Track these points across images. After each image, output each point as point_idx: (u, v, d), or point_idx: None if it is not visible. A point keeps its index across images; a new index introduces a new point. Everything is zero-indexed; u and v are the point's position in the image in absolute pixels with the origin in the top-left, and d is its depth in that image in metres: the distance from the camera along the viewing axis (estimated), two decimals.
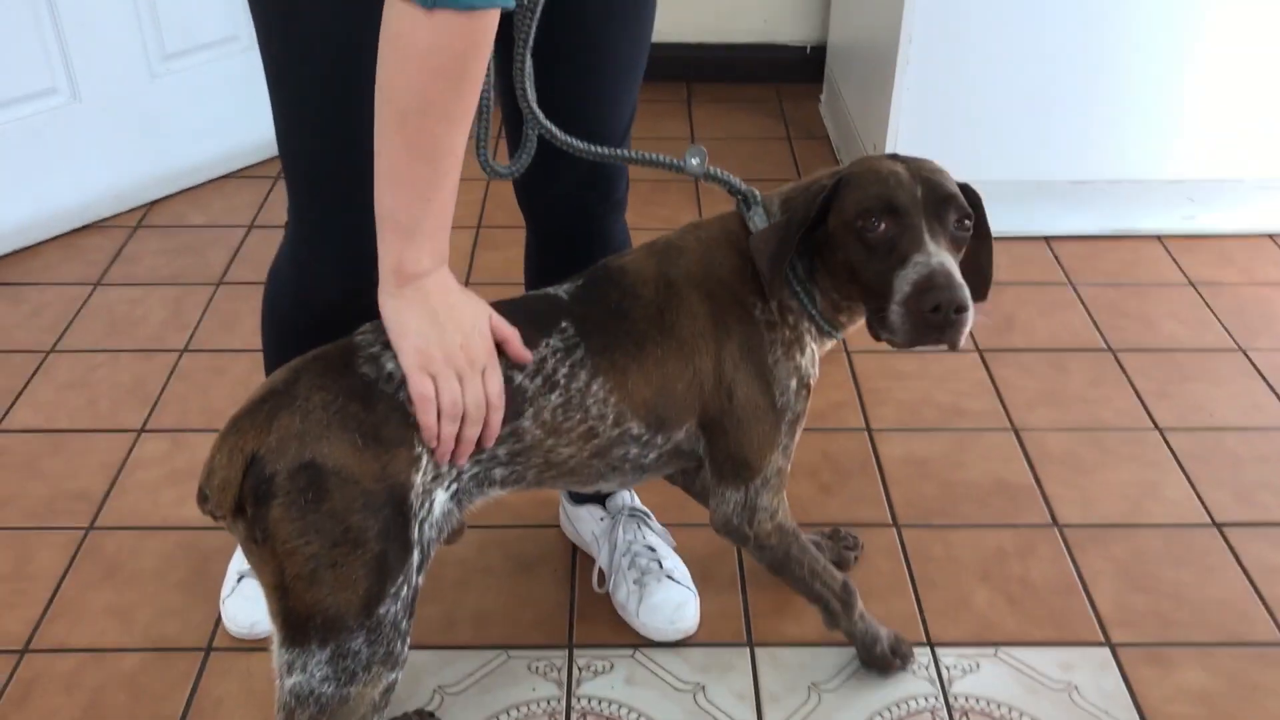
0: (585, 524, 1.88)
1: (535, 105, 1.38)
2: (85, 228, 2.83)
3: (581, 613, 1.82)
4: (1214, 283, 2.67)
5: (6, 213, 2.68)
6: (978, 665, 1.74)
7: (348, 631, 1.23)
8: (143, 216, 2.89)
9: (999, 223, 2.78)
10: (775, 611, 1.82)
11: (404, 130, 1.18)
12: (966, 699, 1.69)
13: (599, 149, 1.41)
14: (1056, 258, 2.76)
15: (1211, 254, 2.78)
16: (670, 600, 1.78)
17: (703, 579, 1.86)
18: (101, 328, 2.48)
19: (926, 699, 1.69)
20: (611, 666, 1.74)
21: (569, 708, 1.67)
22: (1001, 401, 2.30)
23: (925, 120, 2.70)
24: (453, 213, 1.27)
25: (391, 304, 1.26)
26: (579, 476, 1.44)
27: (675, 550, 1.86)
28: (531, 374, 1.34)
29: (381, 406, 1.24)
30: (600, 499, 1.86)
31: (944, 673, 1.73)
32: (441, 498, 1.31)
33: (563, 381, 1.35)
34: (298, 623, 1.22)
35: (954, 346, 1.31)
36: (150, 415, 2.21)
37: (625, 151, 1.44)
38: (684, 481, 1.75)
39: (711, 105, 3.53)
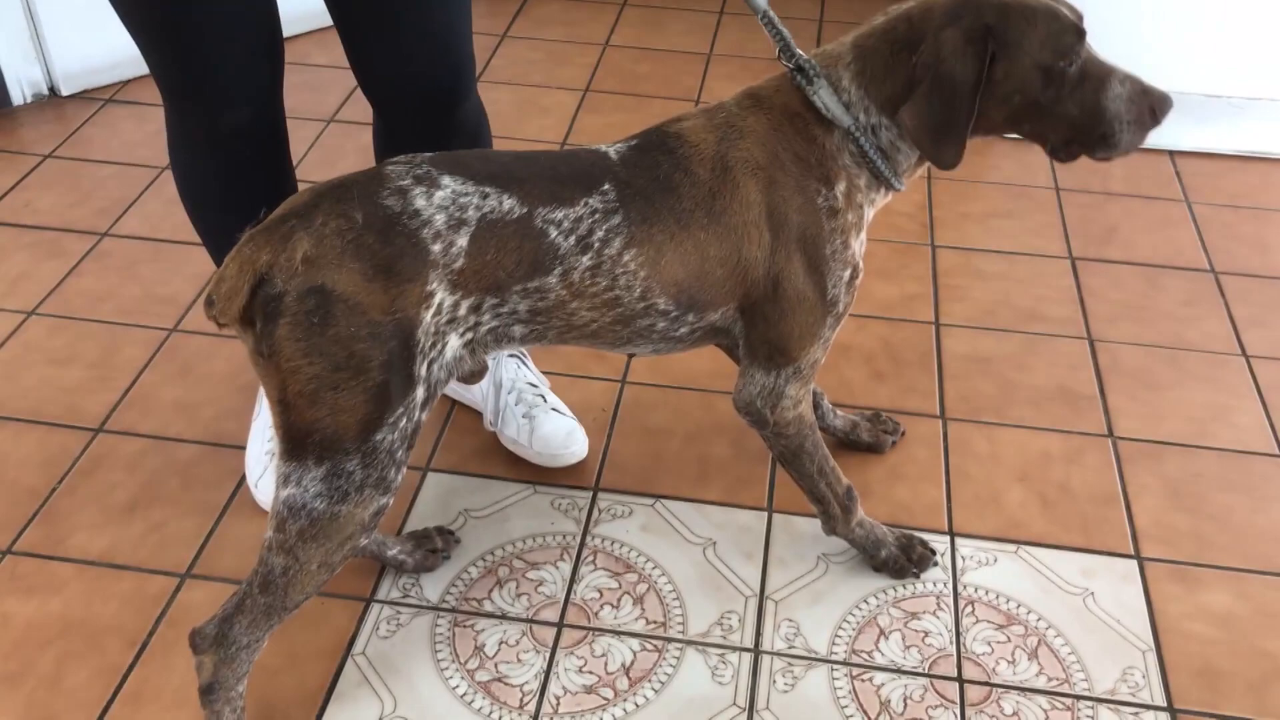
0: None
1: None
2: None
3: (611, 461, 1.87)
4: None
5: None
6: (995, 559, 1.73)
7: (343, 453, 1.25)
8: None
9: None
10: None
11: None
12: (976, 589, 1.68)
13: None
14: (1178, 173, 2.62)
15: None
16: (560, 429, 1.83)
17: (734, 445, 1.89)
18: None
19: (934, 584, 1.69)
20: (630, 512, 1.79)
21: (582, 544, 1.73)
22: (1083, 310, 2.22)
23: None
24: None
25: None
26: (603, 340, 1.43)
27: (549, 389, 1.91)
28: (567, 231, 1.31)
29: (399, 241, 1.23)
30: None
31: (958, 562, 1.72)
32: (454, 342, 1.31)
33: (596, 245, 1.32)
34: (297, 438, 1.24)
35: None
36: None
37: None
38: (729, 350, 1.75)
39: None
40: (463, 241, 1.25)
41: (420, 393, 1.29)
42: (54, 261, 2.27)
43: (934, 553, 1.71)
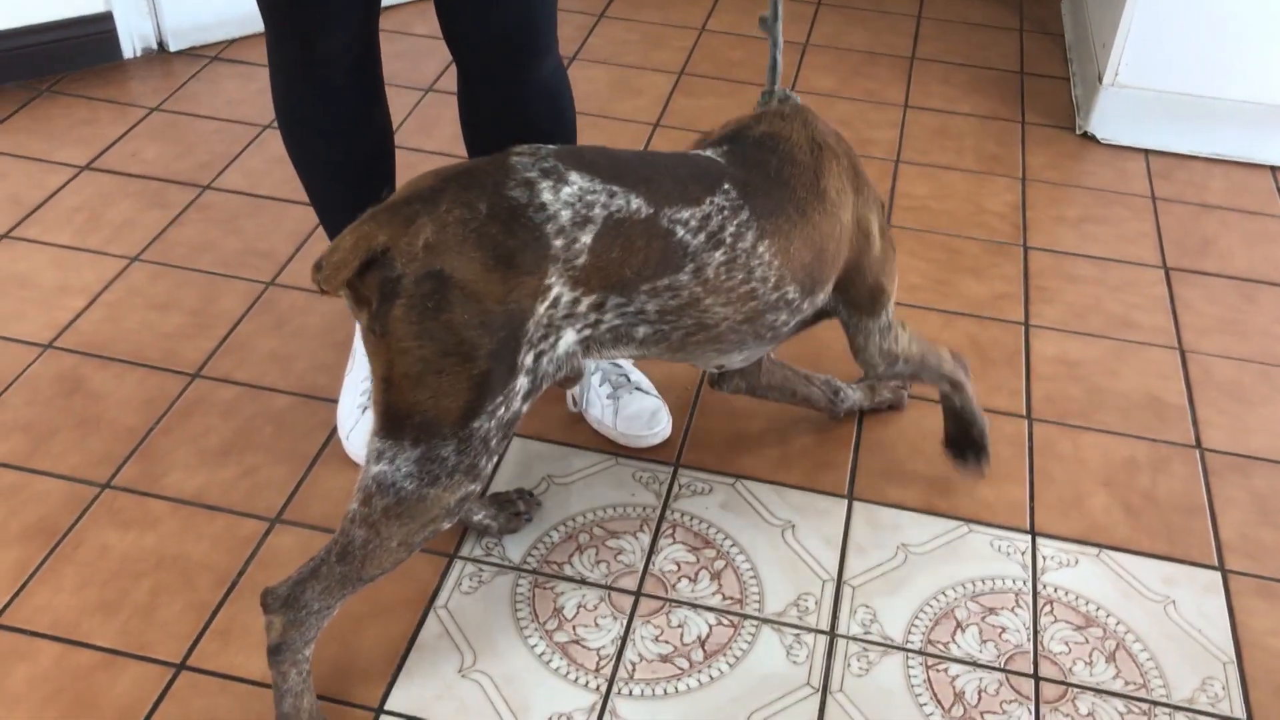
0: None
1: None
2: None
3: (694, 439, 1.88)
4: None
5: None
6: (1076, 561, 1.72)
7: (440, 438, 1.25)
8: None
9: (1221, 145, 2.65)
10: (882, 473, 1.84)
11: None
12: (1056, 589, 1.67)
13: None
14: (1279, 189, 2.58)
15: None
16: (645, 409, 1.85)
17: (816, 431, 1.89)
18: None
19: (1014, 581, 1.68)
20: (710, 489, 1.80)
21: (661, 517, 1.75)
22: (1175, 320, 2.20)
23: (1159, 23, 2.54)
24: None
25: None
26: (722, 344, 1.46)
27: (635, 365, 1.94)
28: (695, 229, 1.34)
29: (523, 233, 1.23)
30: None
31: (1039, 561, 1.71)
32: (569, 337, 1.31)
33: (729, 240, 1.36)
34: (397, 417, 1.25)
35: None
36: None
37: None
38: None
39: None
40: (586, 239, 1.26)
41: (522, 383, 1.28)
42: (157, 211, 2.32)
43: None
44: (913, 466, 1.85)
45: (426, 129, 2.62)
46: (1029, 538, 1.75)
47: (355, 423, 1.81)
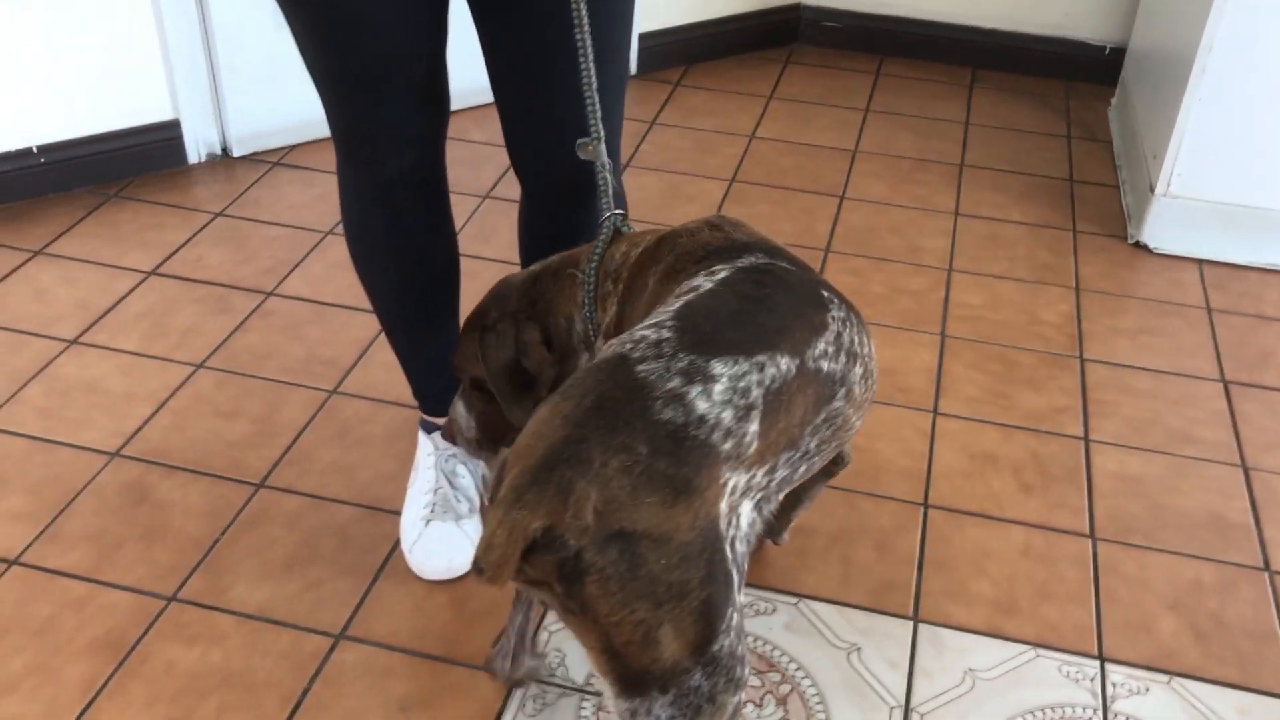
0: None
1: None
2: None
3: (756, 556, 1.88)
4: None
5: (310, 105, 2.94)
6: (1147, 689, 1.69)
7: (686, 673, 1.14)
8: None
9: (1277, 255, 2.64)
10: (947, 594, 1.82)
11: None
12: (1128, 719, 1.64)
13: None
14: None
15: None
16: None
17: (878, 548, 1.88)
18: None
19: (1084, 709, 1.65)
20: (774, 610, 1.79)
21: None
22: (1237, 436, 2.18)
23: (1213, 135, 2.56)
24: None
25: None
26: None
27: None
28: (833, 355, 1.27)
29: (693, 456, 1.12)
30: None
31: (1109, 689, 1.69)
32: (747, 509, 1.22)
33: (860, 351, 1.33)
34: (635, 680, 1.15)
35: None
36: None
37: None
38: None
39: (993, 93, 3.45)
40: (754, 426, 1.17)
41: (736, 580, 1.18)
42: (222, 317, 2.37)
43: None
44: (976, 587, 1.83)
45: (485, 236, 2.67)
46: (1098, 663, 1.72)
47: (418, 535, 1.82)
